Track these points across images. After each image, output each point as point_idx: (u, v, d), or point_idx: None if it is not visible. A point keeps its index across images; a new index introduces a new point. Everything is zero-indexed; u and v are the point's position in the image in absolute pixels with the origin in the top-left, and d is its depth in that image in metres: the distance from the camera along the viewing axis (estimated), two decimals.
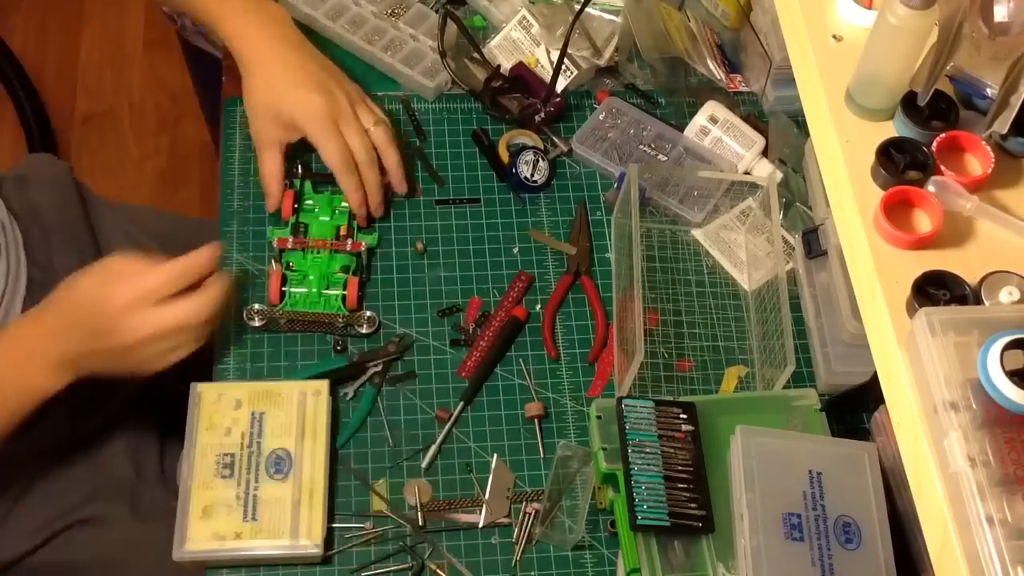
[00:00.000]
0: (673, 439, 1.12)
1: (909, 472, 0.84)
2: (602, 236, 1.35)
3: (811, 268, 1.28)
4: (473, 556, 1.15)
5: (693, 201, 1.35)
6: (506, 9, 1.48)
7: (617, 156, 1.38)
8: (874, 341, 0.90)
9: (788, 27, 1.07)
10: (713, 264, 1.35)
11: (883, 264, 0.90)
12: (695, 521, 1.08)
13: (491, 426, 1.22)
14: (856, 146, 0.96)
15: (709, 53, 1.46)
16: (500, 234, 1.35)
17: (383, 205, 1.32)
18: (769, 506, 1.06)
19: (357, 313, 1.25)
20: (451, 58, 1.41)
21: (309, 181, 1.32)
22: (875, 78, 0.95)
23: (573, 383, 1.26)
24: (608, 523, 1.16)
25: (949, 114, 0.96)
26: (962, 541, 0.76)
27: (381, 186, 1.31)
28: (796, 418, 1.17)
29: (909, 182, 0.92)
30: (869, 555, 1.06)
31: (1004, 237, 0.92)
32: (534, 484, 1.19)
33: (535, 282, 1.32)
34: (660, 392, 1.24)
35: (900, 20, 0.89)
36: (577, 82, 1.44)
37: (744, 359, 1.28)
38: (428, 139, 1.40)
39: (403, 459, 1.19)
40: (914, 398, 0.83)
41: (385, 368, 1.23)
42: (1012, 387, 0.78)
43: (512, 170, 1.36)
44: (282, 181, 1.30)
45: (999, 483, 0.77)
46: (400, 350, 1.24)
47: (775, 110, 1.41)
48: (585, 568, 1.15)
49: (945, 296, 0.86)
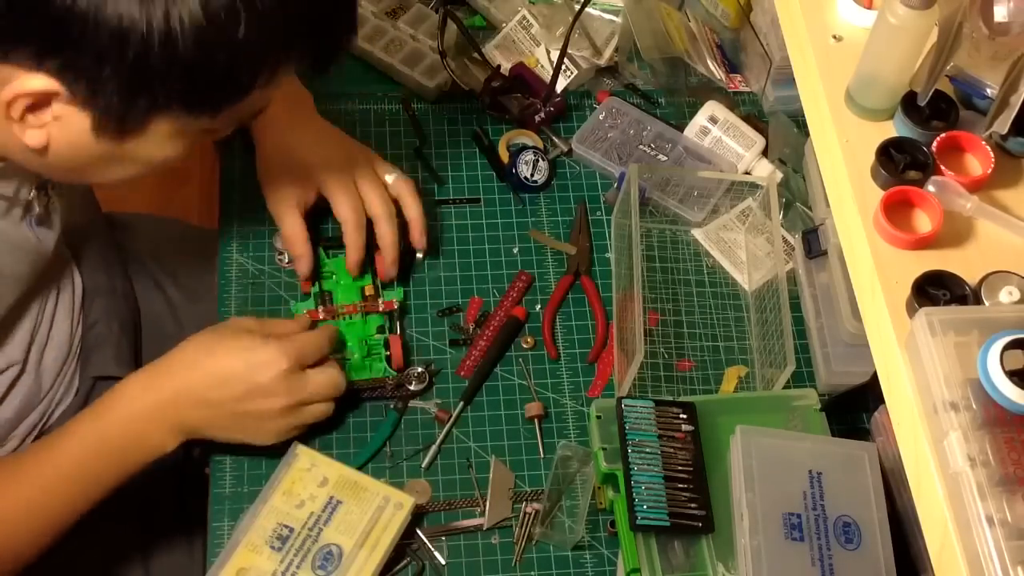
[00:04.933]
0: (673, 439, 1.12)
1: (909, 472, 0.84)
2: (602, 236, 1.35)
3: (811, 268, 1.28)
4: (473, 556, 1.15)
5: (693, 201, 1.35)
6: (506, 9, 1.48)
7: (617, 156, 1.38)
8: (874, 341, 0.90)
9: (788, 27, 1.08)
10: (713, 264, 1.35)
11: (883, 264, 0.90)
12: (695, 521, 1.08)
13: (491, 426, 1.22)
14: (856, 146, 0.96)
15: (709, 53, 1.46)
16: (500, 234, 1.35)
17: (396, 264, 1.26)
18: (769, 506, 1.06)
19: (405, 372, 1.22)
20: (451, 58, 1.41)
21: (321, 247, 1.27)
22: (875, 78, 0.95)
23: (573, 383, 1.26)
24: (608, 523, 1.16)
25: (949, 114, 0.96)
26: (962, 541, 0.76)
27: (397, 244, 1.25)
28: (796, 418, 1.17)
29: (909, 182, 0.92)
30: (869, 555, 1.06)
31: (1004, 237, 0.92)
32: (534, 484, 1.19)
33: (535, 282, 1.32)
34: (660, 392, 1.24)
35: (900, 20, 0.89)
36: (577, 82, 1.44)
37: (744, 359, 1.28)
38: (428, 139, 1.40)
39: (403, 459, 1.19)
40: (914, 398, 0.83)
41: (408, 395, 1.22)
42: (1012, 387, 0.78)
43: (512, 170, 1.36)
44: (307, 241, 1.23)
45: (999, 483, 0.77)
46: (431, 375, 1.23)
47: (775, 110, 1.41)
48: (585, 568, 1.15)
49: (945, 296, 0.86)
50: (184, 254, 1.47)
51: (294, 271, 1.27)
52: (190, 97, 0.91)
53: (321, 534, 1.10)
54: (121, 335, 1.31)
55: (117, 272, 1.36)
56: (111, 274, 1.35)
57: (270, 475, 1.13)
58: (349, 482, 1.13)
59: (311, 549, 1.09)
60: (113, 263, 1.36)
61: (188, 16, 0.85)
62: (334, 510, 1.12)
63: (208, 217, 1.65)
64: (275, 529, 1.10)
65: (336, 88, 1.37)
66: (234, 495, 1.15)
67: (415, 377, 1.22)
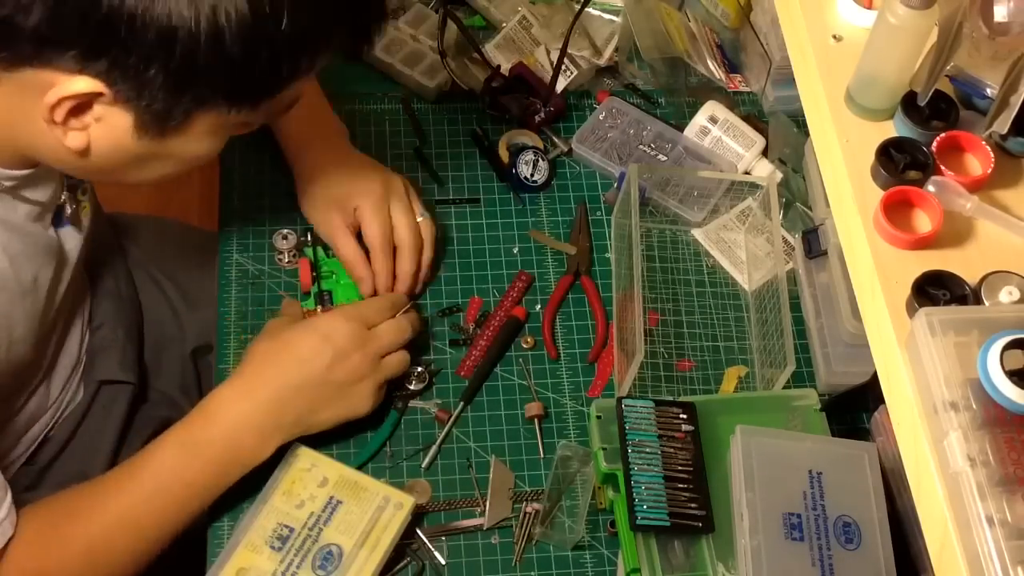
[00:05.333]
0: (673, 439, 1.12)
1: (909, 472, 0.84)
2: (602, 236, 1.35)
3: (811, 268, 1.28)
4: (473, 556, 1.15)
5: (693, 201, 1.35)
6: (506, 9, 1.48)
7: (617, 156, 1.38)
8: (874, 341, 0.90)
9: (788, 27, 1.07)
10: (713, 264, 1.35)
11: (883, 264, 0.90)
12: (695, 521, 1.08)
13: (491, 426, 1.22)
14: (856, 146, 0.96)
15: (709, 53, 1.46)
16: (500, 234, 1.35)
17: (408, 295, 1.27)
18: (769, 506, 1.06)
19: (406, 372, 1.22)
20: (451, 58, 1.41)
21: (320, 247, 1.28)
22: (875, 78, 0.95)
23: (573, 383, 1.26)
24: (608, 523, 1.16)
25: (949, 114, 0.96)
26: (962, 541, 0.76)
27: (413, 276, 1.26)
28: (796, 418, 1.17)
29: (909, 182, 0.92)
30: (869, 555, 1.06)
31: (1004, 237, 0.92)
32: (534, 484, 1.19)
33: (535, 282, 1.32)
34: (660, 392, 1.24)
35: (900, 20, 0.89)
36: (577, 82, 1.44)
37: (744, 359, 1.28)
38: (428, 139, 1.40)
39: (403, 459, 1.19)
40: (914, 398, 0.83)
41: (409, 394, 1.22)
42: (1012, 387, 0.78)
43: (512, 170, 1.36)
44: (365, 260, 1.25)
45: (999, 483, 0.77)
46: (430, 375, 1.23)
47: (775, 110, 1.41)
48: (585, 568, 1.15)
49: (945, 296, 0.86)
50: (184, 255, 1.47)
51: (294, 271, 1.28)
52: (233, 92, 0.92)
53: (321, 534, 1.10)
54: (126, 339, 1.32)
55: (121, 275, 1.36)
56: (115, 276, 1.35)
57: (270, 475, 1.13)
58: (349, 482, 1.13)
59: (311, 549, 1.09)
60: (117, 265, 1.36)
61: (235, 11, 0.85)
62: (334, 510, 1.12)
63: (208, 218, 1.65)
64: (275, 529, 1.10)
65: (336, 88, 1.37)
66: (234, 495, 1.15)
67: (415, 377, 1.22)
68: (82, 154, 0.94)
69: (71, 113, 0.91)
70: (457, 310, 1.29)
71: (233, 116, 0.95)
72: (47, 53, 0.87)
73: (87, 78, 0.88)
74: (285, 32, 0.88)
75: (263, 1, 0.86)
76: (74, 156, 0.95)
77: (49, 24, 0.85)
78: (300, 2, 0.88)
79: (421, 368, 1.22)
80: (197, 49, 0.86)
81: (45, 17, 0.85)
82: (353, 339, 1.13)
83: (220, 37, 0.86)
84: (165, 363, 1.38)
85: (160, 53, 0.86)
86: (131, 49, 0.86)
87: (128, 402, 1.30)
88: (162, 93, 0.89)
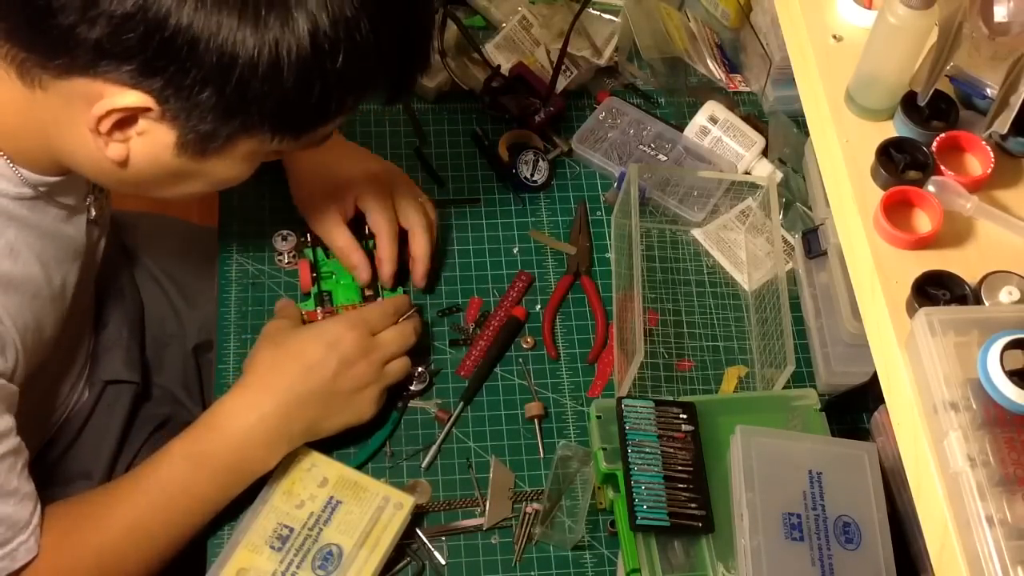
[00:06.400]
0: (673, 439, 1.12)
1: (909, 472, 0.84)
2: (602, 236, 1.35)
3: (811, 268, 1.28)
4: (473, 556, 1.15)
5: (693, 201, 1.35)
6: (506, 9, 1.48)
7: (617, 156, 1.38)
8: (874, 341, 0.90)
9: (788, 27, 1.08)
10: (713, 264, 1.35)
11: (883, 264, 0.90)
12: (695, 521, 1.08)
13: (491, 426, 1.22)
14: (856, 146, 0.96)
15: (709, 53, 1.46)
16: (500, 234, 1.35)
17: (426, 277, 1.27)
18: (769, 506, 1.06)
19: None
20: (451, 58, 1.41)
21: (320, 248, 1.28)
22: (875, 78, 0.95)
23: (573, 383, 1.26)
24: (608, 523, 1.16)
25: (949, 114, 0.96)
26: (962, 541, 0.76)
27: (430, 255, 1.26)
28: (796, 418, 1.17)
29: (909, 182, 0.92)
30: (869, 555, 1.06)
31: (1004, 237, 0.92)
32: (534, 484, 1.19)
33: (535, 282, 1.32)
34: (660, 392, 1.24)
35: (900, 20, 0.89)
36: (577, 82, 1.44)
37: (744, 359, 1.28)
38: (428, 139, 1.40)
39: (403, 459, 1.19)
40: (914, 398, 0.83)
41: (409, 395, 1.22)
42: (1012, 387, 0.78)
43: (512, 170, 1.36)
44: (360, 248, 1.24)
45: (999, 483, 0.77)
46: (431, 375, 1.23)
47: (775, 110, 1.41)
48: (585, 568, 1.15)
49: (945, 296, 0.86)
50: (184, 253, 1.47)
51: (294, 271, 1.28)
52: (280, 122, 0.93)
53: (321, 534, 1.10)
54: (130, 337, 1.32)
55: (124, 273, 1.36)
56: (119, 275, 1.35)
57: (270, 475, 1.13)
58: (349, 482, 1.13)
59: (311, 549, 1.09)
60: (120, 264, 1.36)
61: (297, 45, 0.86)
62: (334, 510, 1.12)
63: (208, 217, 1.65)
64: (275, 529, 1.10)
65: None
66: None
67: (415, 377, 1.22)
68: (120, 165, 0.95)
69: (115, 125, 0.91)
70: (457, 310, 1.29)
71: (274, 144, 0.96)
72: (103, 65, 0.87)
73: (139, 93, 0.88)
74: (339, 70, 0.89)
75: (323, 39, 0.87)
76: (112, 167, 0.95)
77: (111, 38, 0.85)
78: (356, 44, 0.89)
79: (421, 368, 1.22)
80: (254, 78, 0.86)
81: (109, 31, 0.84)
82: (358, 347, 1.13)
83: (278, 68, 0.87)
84: (167, 360, 1.39)
85: (217, 78, 0.86)
86: (188, 71, 0.86)
87: (131, 400, 1.30)
88: (211, 115, 0.89)
